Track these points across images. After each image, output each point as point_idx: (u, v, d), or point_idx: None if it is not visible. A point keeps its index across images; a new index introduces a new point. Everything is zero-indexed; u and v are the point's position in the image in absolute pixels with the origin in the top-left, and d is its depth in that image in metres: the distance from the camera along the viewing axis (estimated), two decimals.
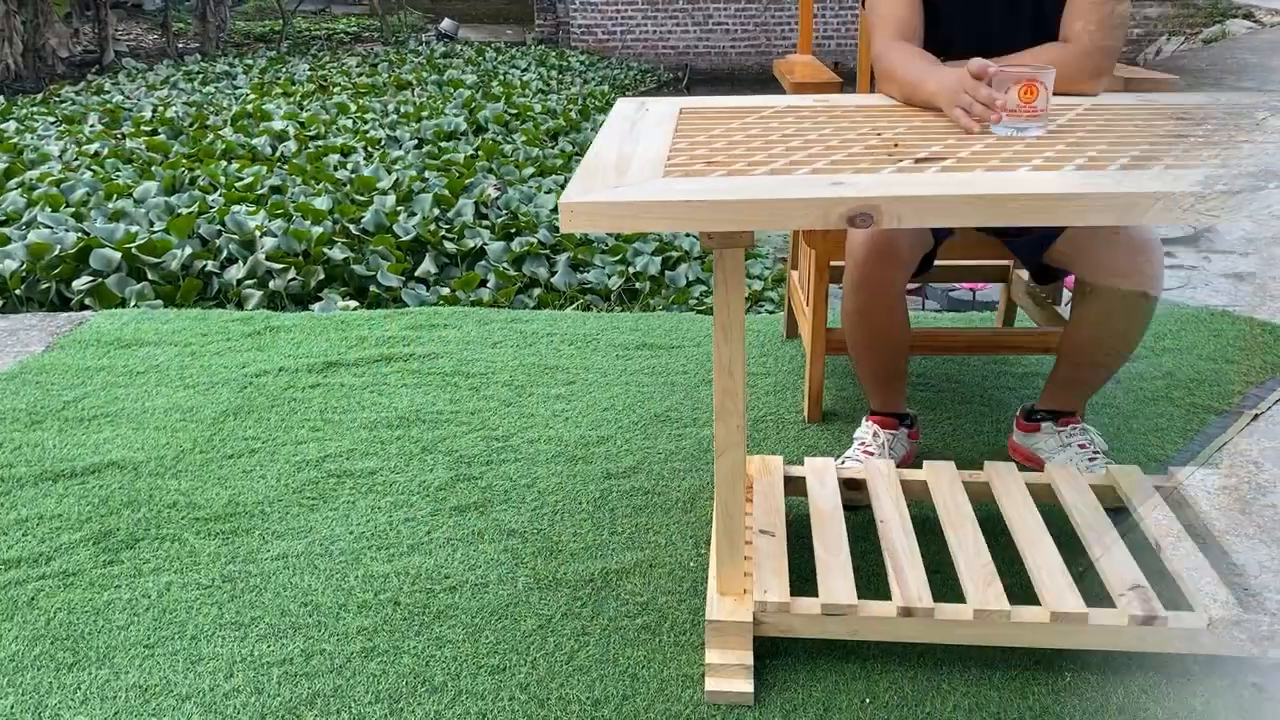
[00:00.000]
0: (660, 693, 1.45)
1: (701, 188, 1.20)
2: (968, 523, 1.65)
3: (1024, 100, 1.40)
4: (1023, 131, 1.40)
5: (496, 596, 1.66)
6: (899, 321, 1.83)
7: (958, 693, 1.44)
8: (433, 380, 2.44)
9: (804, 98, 1.74)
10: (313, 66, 9.35)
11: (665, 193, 1.19)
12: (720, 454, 1.44)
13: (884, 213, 1.16)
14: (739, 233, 1.30)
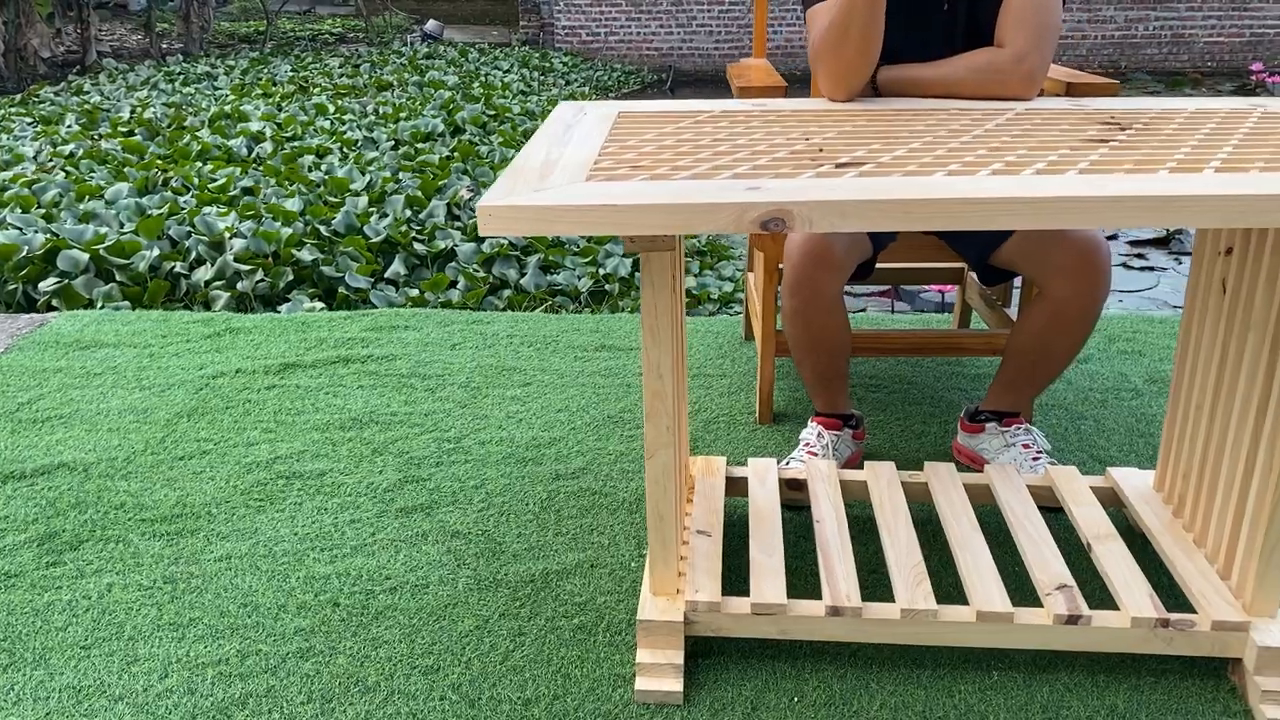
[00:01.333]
0: (591, 692, 1.46)
1: (621, 191, 1.22)
2: (902, 523, 1.67)
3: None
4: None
5: (436, 597, 1.67)
6: (837, 324, 1.84)
7: (885, 691, 1.45)
8: (389, 382, 2.45)
9: (742, 102, 1.75)
10: (295, 67, 9.34)
11: (583, 196, 1.20)
12: (650, 456, 1.45)
13: (796, 217, 1.17)
14: (661, 236, 1.31)
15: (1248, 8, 10.56)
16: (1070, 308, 1.78)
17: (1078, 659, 1.51)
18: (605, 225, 1.19)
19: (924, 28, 1.79)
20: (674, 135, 1.52)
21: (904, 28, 1.78)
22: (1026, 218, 1.16)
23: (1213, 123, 1.49)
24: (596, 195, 1.20)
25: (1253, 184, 1.15)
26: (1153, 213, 1.12)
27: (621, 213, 1.17)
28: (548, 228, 1.19)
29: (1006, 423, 1.98)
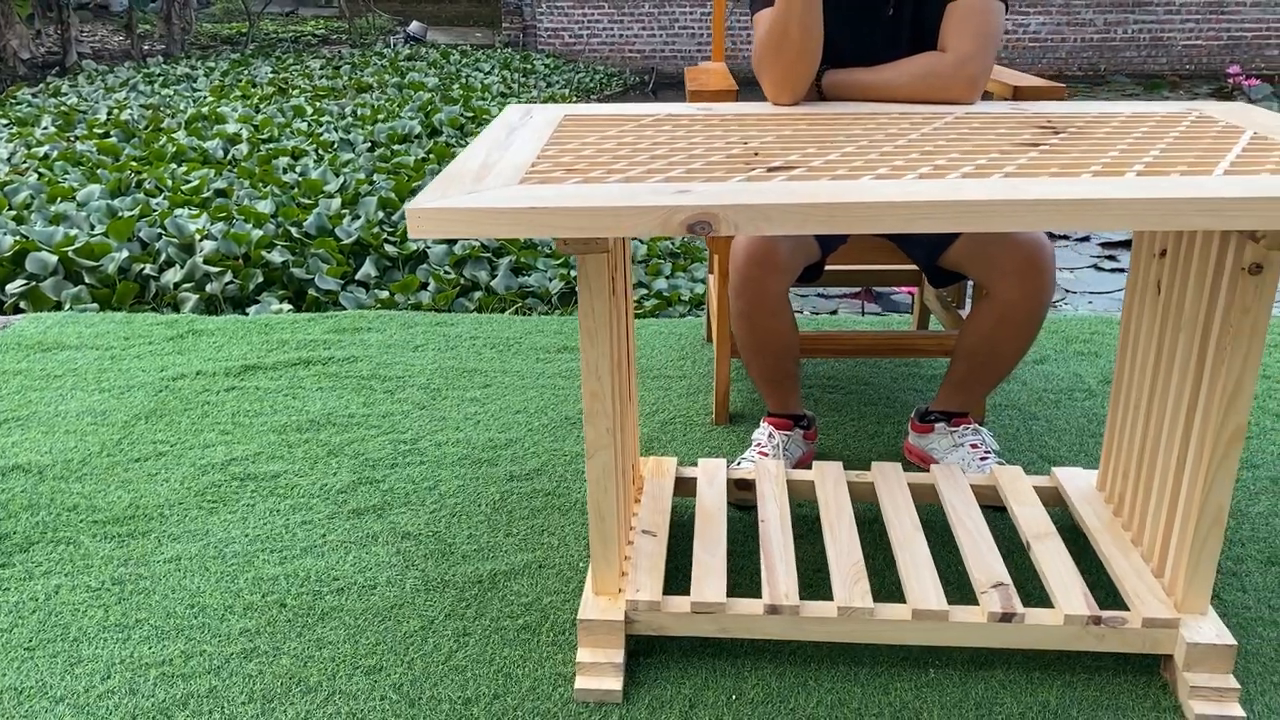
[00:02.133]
0: (532, 691, 1.47)
1: (550, 195, 1.23)
2: (845, 522, 1.68)
3: None
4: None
5: (383, 598, 1.68)
6: (783, 325, 1.86)
7: (822, 689, 1.47)
8: (349, 384, 2.45)
9: (688, 106, 1.76)
10: (275, 69, 9.33)
11: (512, 199, 1.21)
12: (590, 456, 1.47)
13: (721, 220, 1.18)
14: (594, 239, 1.33)
15: (1224, 11, 10.63)
16: (1016, 309, 1.80)
17: (1014, 656, 1.53)
18: (533, 228, 1.20)
19: (869, 32, 1.81)
20: (615, 139, 1.53)
21: (849, 32, 1.80)
22: (947, 221, 1.17)
23: (1146, 127, 1.51)
24: (526, 198, 1.21)
25: (1166, 188, 1.17)
26: (1067, 216, 1.14)
27: (549, 215, 1.19)
28: (478, 230, 1.20)
29: (955, 423, 2.00)
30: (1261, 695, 1.44)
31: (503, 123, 1.67)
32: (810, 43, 1.67)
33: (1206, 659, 1.42)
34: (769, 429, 2.02)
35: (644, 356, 2.63)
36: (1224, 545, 1.79)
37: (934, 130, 1.53)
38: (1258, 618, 1.60)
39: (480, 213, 1.19)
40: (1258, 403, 2.30)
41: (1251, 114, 1.60)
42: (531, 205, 1.19)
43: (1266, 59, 10.76)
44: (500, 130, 1.61)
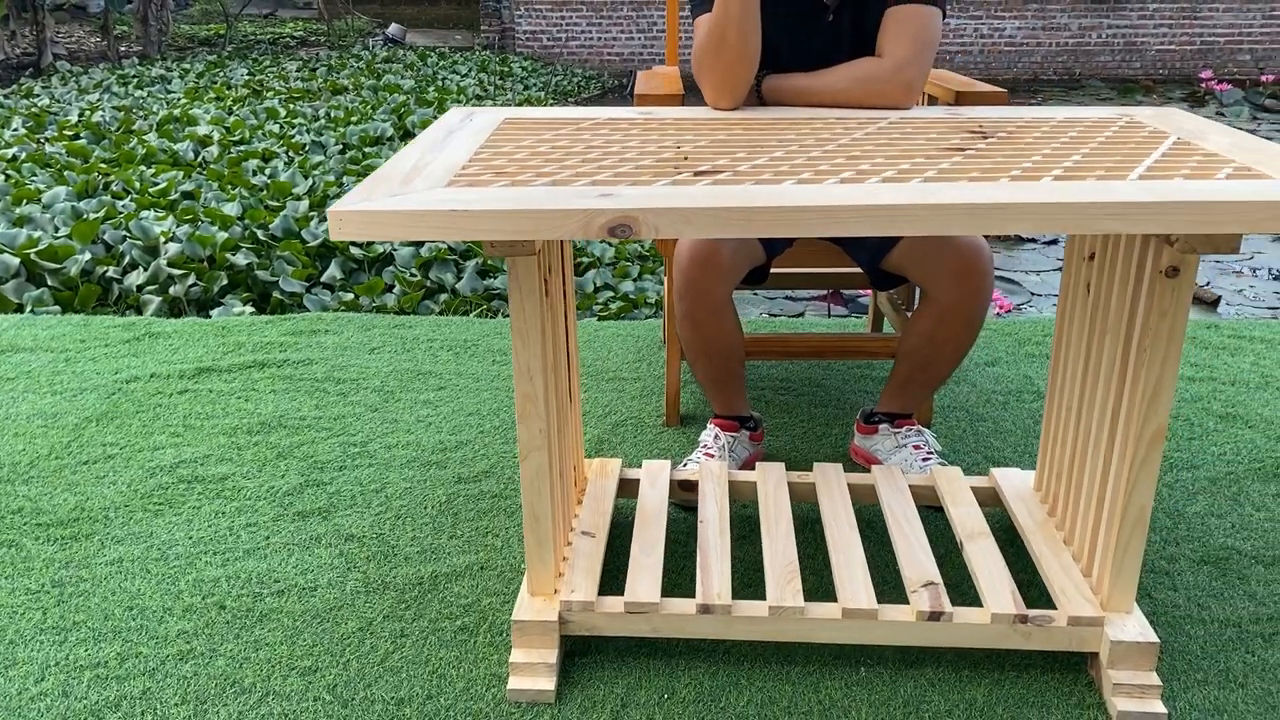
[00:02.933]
0: (465, 692, 1.48)
1: (475, 198, 1.24)
2: (783, 523, 1.70)
3: None
4: None
5: (323, 600, 1.68)
6: (727, 327, 1.87)
7: (754, 687, 1.48)
8: (302, 386, 2.45)
9: (630, 110, 1.78)
10: (251, 71, 9.30)
11: (435, 202, 1.22)
12: (524, 458, 1.48)
13: (641, 223, 1.20)
14: (520, 241, 1.34)
15: (1197, 17, 10.73)
16: (955, 311, 1.82)
17: (944, 655, 1.54)
18: (455, 231, 1.21)
19: (809, 37, 1.83)
20: (551, 142, 1.54)
21: (789, 37, 1.82)
22: (861, 225, 1.19)
23: (1074, 132, 1.54)
24: (449, 201, 1.22)
25: (1076, 193, 1.19)
26: (977, 220, 1.16)
27: (471, 218, 1.20)
28: (401, 233, 1.21)
29: (898, 424, 2.02)
30: (1185, 692, 1.46)
31: (442, 125, 1.67)
32: (748, 49, 1.68)
33: (1130, 656, 1.44)
34: (715, 430, 2.03)
35: (600, 358, 2.64)
36: (1158, 544, 1.81)
37: (865, 135, 1.55)
38: (1186, 616, 1.62)
39: (403, 215, 1.20)
40: (1202, 404, 2.33)
41: (1180, 119, 1.63)
42: (453, 208, 1.20)
43: (1238, 64, 10.86)
44: (438, 132, 1.62)
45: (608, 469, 1.89)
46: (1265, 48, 10.81)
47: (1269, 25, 10.75)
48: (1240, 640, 1.56)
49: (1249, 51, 10.84)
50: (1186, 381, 2.45)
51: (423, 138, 1.58)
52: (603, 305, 3.80)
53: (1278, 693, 1.46)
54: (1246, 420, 2.25)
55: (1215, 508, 1.92)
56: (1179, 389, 2.42)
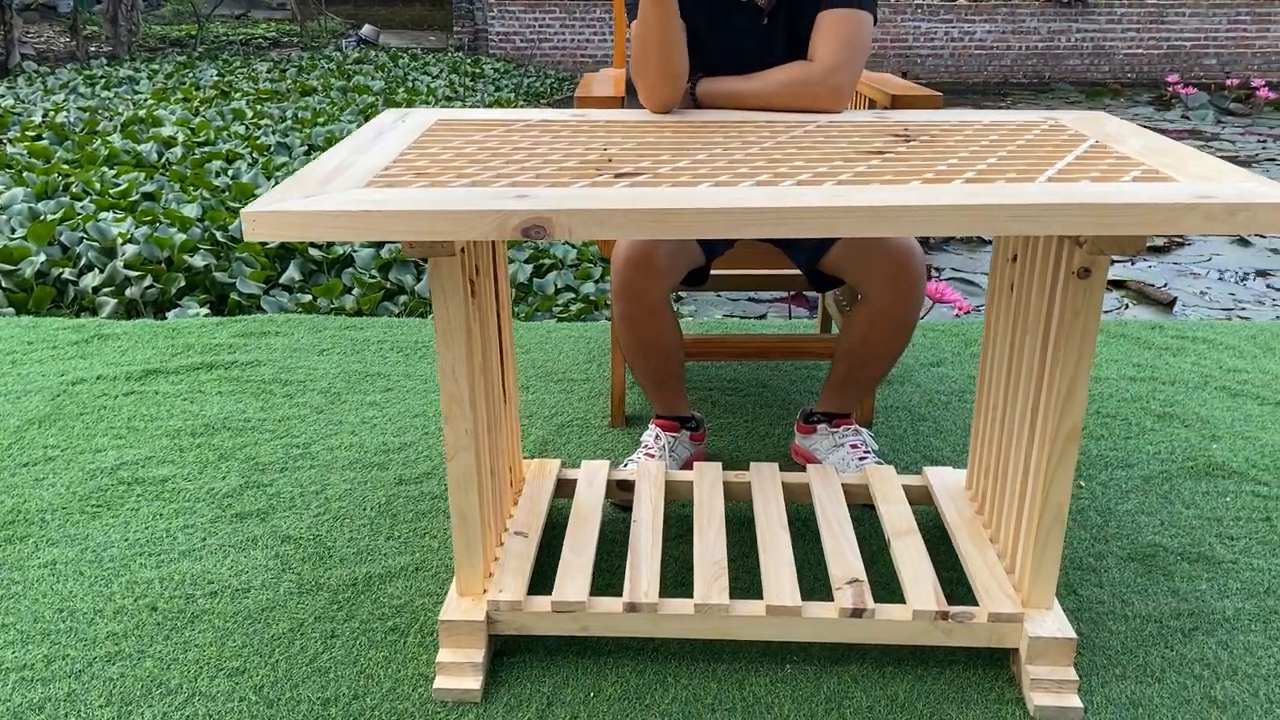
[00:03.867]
0: (392, 691, 1.48)
1: (391, 198, 1.24)
2: (715, 522, 1.71)
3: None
4: None
5: (256, 601, 1.68)
6: (665, 328, 1.88)
7: (679, 685, 1.49)
8: (249, 388, 2.45)
9: (565, 112, 1.79)
10: (221, 72, 9.25)
11: (349, 203, 1.22)
12: (450, 458, 1.48)
13: (555, 225, 1.21)
14: (439, 242, 1.35)
15: (1164, 21, 10.85)
16: (889, 312, 1.84)
17: (869, 652, 1.56)
18: (369, 232, 1.22)
19: (745, 40, 1.84)
20: (480, 143, 1.55)
21: (726, 40, 1.84)
22: (771, 227, 1.20)
23: (996, 135, 1.56)
24: (364, 202, 1.23)
25: (981, 195, 1.21)
26: (882, 221, 1.18)
27: (383, 219, 1.20)
28: (314, 233, 1.22)
29: (836, 424, 2.04)
30: (1103, 687, 1.49)
31: (373, 126, 1.68)
32: (670, 63, 1.69)
33: (1048, 652, 1.46)
34: (656, 431, 2.04)
35: (551, 360, 2.65)
36: (1088, 542, 1.84)
37: (791, 139, 1.57)
38: (1109, 612, 1.65)
39: (317, 215, 1.21)
40: (1141, 404, 2.37)
41: (1103, 123, 1.65)
42: (366, 209, 1.21)
43: (1204, 68, 10.99)
44: (369, 133, 1.62)
45: (546, 469, 1.90)
46: (1230, 52, 10.95)
47: (1234, 30, 10.88)
48: (1160, 635, 1.59)
49: (1215, 56, 10.97)
50: (1128, 381, 2.49)
51: (352, 139, 1.58)
52: (563, 307, 3.81)
53: (1193, 686, 1.48)
54: (1183, 420, 2.28)
55: (1146, 505, 1.95)
56: (1120, 389, 2.45)
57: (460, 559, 1.53)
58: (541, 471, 1.89)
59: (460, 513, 1.51)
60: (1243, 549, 1.81)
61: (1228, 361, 2.61)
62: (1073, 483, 2.01)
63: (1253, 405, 2.36)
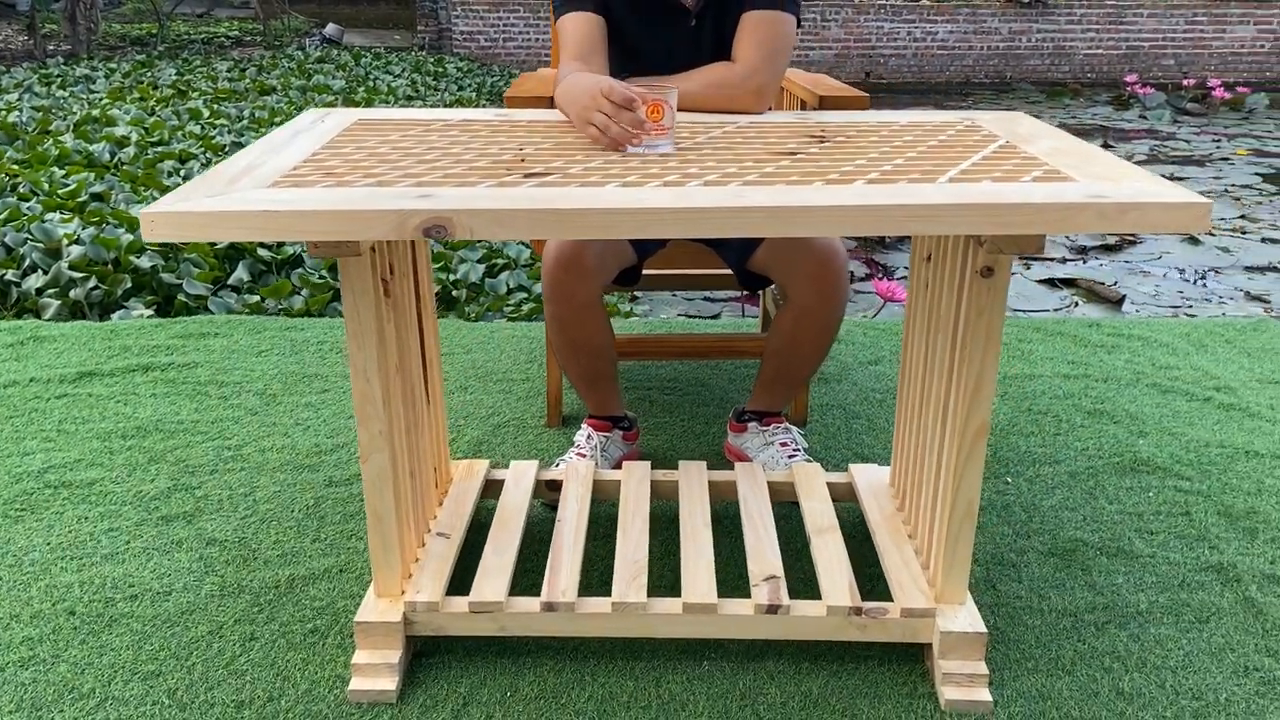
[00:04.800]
0: (308, 693, 1.48)
1: (293, 198, 1.24)
2: (639, 520, 1.72)
3: (651, 119, 1.47)
4: (653, 148, 1.48)
5: (176, 604, 1.67)
6: (596, 328, 1.88)
7: (596, 683, 1.50)
8: (184, 390, 2.43)
9: (487, 112, 1.79)
10: (180, 71, 9.16)
11: (249, 204, 1.22)
12: (364, 460, 1.48)
13: (456, 225, 1.21)
14: (345, 242, 1.34)
15: (1123, 22, 10.97)
16: (812, 311, 1.85)
17: (787, 648, 1.57)
18: (269, 232, 1.21)
19: (673, 40, 1.85)
20: (395, 144, 1.55)
21: (654, 39, 1.84)
22: (671, 227, 1.21)
23: (909, 136, 1.57)
24: (263, 202, 1.22)
25: (878, 195, 1.22)
26: (773, 222, 1.19)
27: (283, 219, 1.20)
28: (213, 234, 1.22)
29: (766, 422, 2.05)
30: (1014, 680, 1.51)
31: (291, 126, 1.67)
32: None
33: (959, 646, 1.47)
34: (588, 431, 2.05)
35: (492, 360, 2.64)
36: (1010, 537, 1.86)
37: (709, 139, 1.57)
38: (1026, 606, 1.67)
39: (216, 216, 1.20)
40: (1073, 401, 2.40)
41: (1018, 123, 1.67)
42: (266, 209, 1.21)
43: (1162, 68, 11.13)
44: (286, 134, 1.62)
45: (474, 470, 1.90)
46: (1188, 53, 11.09)
47: (1191, 31, 11.02)
48: (1074, 629, 1.61)
49: (1172, 56, 11.11)
50: (1061, 379, 2.52)
51: (266, 139, 1.57)
52: (514, 307, 3.80)
53: (1102, 679, 1.50)
54: (1113, 416, 2.32)
55: (1070, 501, 1.97)
56: (1053, 386, 2.48)
57: (377, 560, 1.53)
58: (469, 472, 1.89)
59: (375, 514, 1.51)
60: (1161, 543, 1.84)
61: (1161, 359, 2.64)
62: (999, 479, 2.03)
63: (1182, 402, 2.39)
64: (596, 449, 2.01)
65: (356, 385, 1.44)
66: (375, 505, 1.50)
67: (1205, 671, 1.52)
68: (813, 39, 10.91)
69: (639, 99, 1.45)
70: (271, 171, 1.37)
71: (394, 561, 1.53)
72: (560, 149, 1.51)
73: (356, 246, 1.34)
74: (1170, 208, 1.19)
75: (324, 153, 1.49)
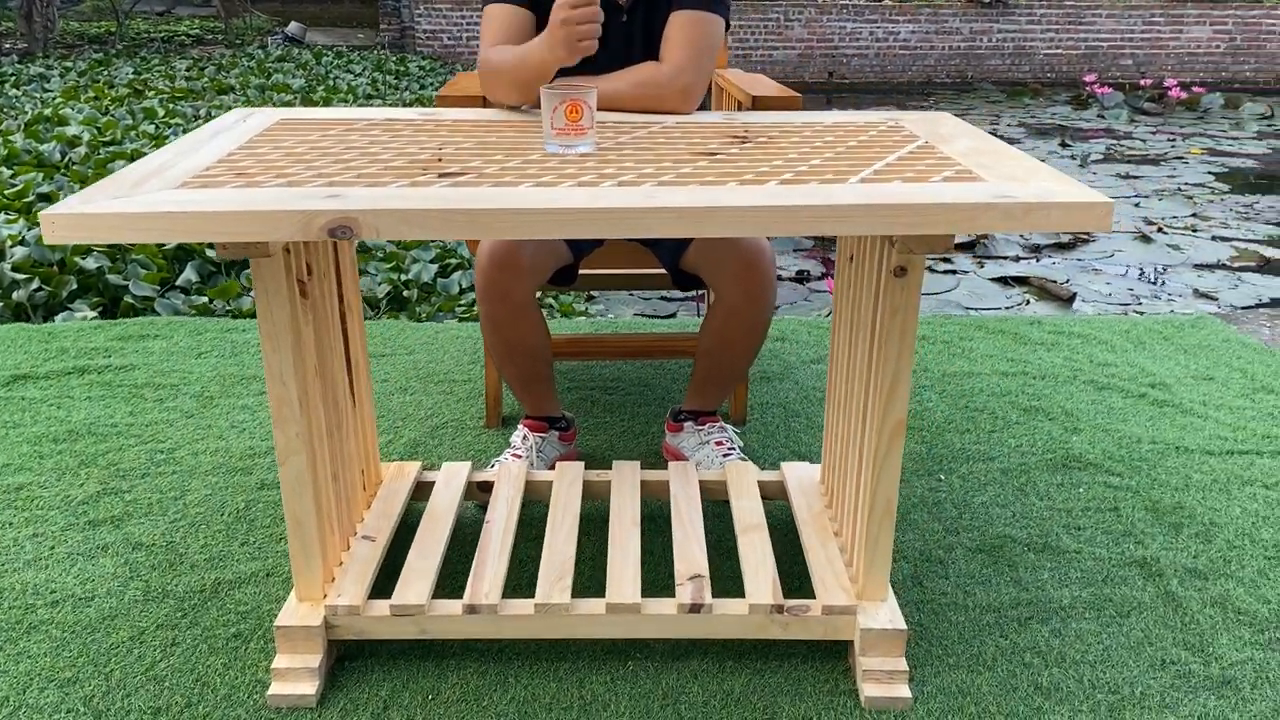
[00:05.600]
0: (226, 699, 1.46)
1: (197, 199, 1.23)
2: (569, 521, 1.72)
3: (570, 120, 1.47)
4: (571, 148, 1.47)
5: (98, 610, 1.65)
6: (531, 328, 1.88)
7: (519, 685, 1.50)
8: (120, 392, 2.40)
9: (412, 111, 1.78)
10: (138, 70, 9.05)
11: (151, 205, 1.20)
12: (282, 463, 1.47)
13: (362, 225, 1.20)
14: (254, 243, 1.33)
15: (1082, 22, 11.10)
16: (740, 311, 1.86)
17: (713, 647, 1.58)
18: (172, 233, 1.20)
19: (604, 38, 1.84)
20: (315, 144, 1.53)
21: None
22: (581, 227, 1.21)
23: (831, 137, 1.58)
24: (166, 203, 1.21)
25: (787, 196, 1.22)
26: (681, 222, 1.19)
27: (186, 221, 1.19)
28: (115, 235, 1.20)
29: (702, 421, 2.05)
30: (935, 677, 1.52)
31: (212, 126, 1.65)
32: (530, 92, 1.69)
33: (879, 643, 1.48)
34: (524, 431, 2.04)
35: (434, 360, 2.63)
36: (940, 534, 1.87)
37: (633, 139, 1.57)
38: (951, 603, 1.68)
39: (117, 218, 1.19)
40: (1009, 398, 2.42)
41: (940, 124, 1.68)
42: (170, 210, 1.19)
43: (1121, 68, 11.26)
44: (205, 134, 1.60)
45: (404, 472, 1.89)
46: (1146, 53, 11.23)
47: (1149, 31, 11.16)
48: (997, 625, 1.63)
49: (1130, 56, 11.25)
50: (999, 376, 2.54)
51: (183, 139, 1.56)
52: (466, 307, 3.79)
53: (1021, 674, 1.52)
54: (1048, 413, 2.34)
55: (1001, 498, 1.99)
56: (991, 384, 2.50)
57: (297, 564, 1.52)
58: (400, 474, 1.88)
59: (295, 517, 1.50)
60: (1087, 539, 1.86)
61: (1099, 356, 2.67)
62: (933, 476, 2.05)
63: (1117, 398, 2.42)
64: (532, 450, 2.01)
65: (272, 388, 1.43)
66: (294, 509, 1.49)
67: (1123, 665, 1.54)
68: (776, 39, 10.95)
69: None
70: (182, 172, 1.36)
71: (315, 565, 1.52)
72: (481, 149, 1.51)
73: (266, 247, 1.33)
74: (1072, 207, 1.20)
75: (240, 153, 1.47)
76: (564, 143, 1.47)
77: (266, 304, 1.39)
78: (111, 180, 1.31)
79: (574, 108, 1.47)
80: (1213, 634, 1.60)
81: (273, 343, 1.41)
